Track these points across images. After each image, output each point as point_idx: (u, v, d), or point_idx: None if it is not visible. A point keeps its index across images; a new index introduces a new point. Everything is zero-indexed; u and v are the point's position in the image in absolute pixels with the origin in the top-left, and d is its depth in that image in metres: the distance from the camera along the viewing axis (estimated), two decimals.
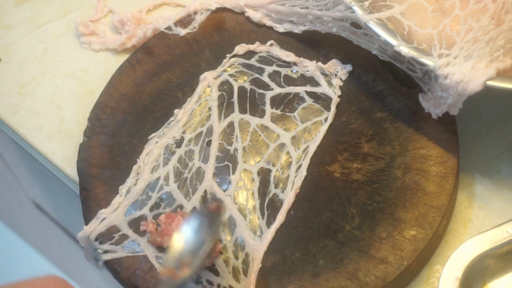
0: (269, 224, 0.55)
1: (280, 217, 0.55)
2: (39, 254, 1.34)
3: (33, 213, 1.10)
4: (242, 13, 0.65)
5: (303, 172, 0.56)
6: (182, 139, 0.59)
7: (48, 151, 0.64)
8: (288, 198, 0.55)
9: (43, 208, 1.05)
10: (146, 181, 0.58)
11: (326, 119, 0.59)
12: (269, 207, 0.56)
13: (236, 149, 0.58)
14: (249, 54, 0.63)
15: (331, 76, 0.61)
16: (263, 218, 0.55)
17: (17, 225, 1.32)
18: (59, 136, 0.64)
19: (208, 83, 0.62)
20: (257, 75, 0.62)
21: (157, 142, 0.59)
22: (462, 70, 0.52)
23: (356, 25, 0.58)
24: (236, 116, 0.60)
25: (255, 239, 0.54)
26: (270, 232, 0.54)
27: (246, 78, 0.62)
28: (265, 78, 0.61)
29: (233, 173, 0.57)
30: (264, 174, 0.57)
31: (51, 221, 1.06)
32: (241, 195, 0.56)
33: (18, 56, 0.69)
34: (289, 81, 0.61)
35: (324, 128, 0.58)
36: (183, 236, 0.49)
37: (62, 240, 1.09)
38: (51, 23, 0.70)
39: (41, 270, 1.33)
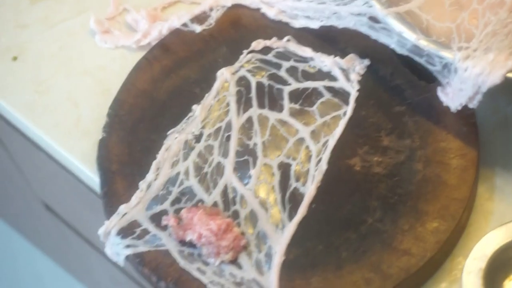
0: (290, 217, 0.55)
1: (302, 210, 0.55)
2: (45, 255, 1.33)
3: (42, 214, 1.10)
4: (258, 9, 0.65)
5: (323, 165, 0.57)
6: (201, 134, 0.59)
7: (66, 148, 0.64)
8: (309, 191, 0.56)
9: (53, 209, 1.05)
10: (166, 176, 0.58)
11: (345, 113, 0.59)
12: (290, 200, 0.56)
13: (255, 144, 0.58)
14: (266, 49, 0.63)
15: (349, 71, 0.61)
16: (284, 211, 0.55)
17: (24, 226, 1.32)
18: (76, 133, 0.64)
19: (226, 78, 0.62)
20: (274, 71, 0.62)
21: (176, 138, 0.59)
22: (482, 62, 0.53)
23: (374, 19, 0.58)
24: (254, 111, 0.60)
25: (277, 232, 0.54)
26: (292, 225, 0.55)
27: (263, 73, 0.62)
28: (282, 73, 0.62)
29: (253, 168, 0.57)
30: (284, 168, 0.57)
31: (61, 222, 1.06)
32: (262, 189, 0.56)
33: (34, 54, 0.69)
34: (307, 76, 0.61)
35: (343, 122, 0.58)
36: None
37: (71, 240, 1.09)
38: (66, 22, 0.70)
39: (48, 271, 1.33)
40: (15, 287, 1.36)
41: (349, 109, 0.59)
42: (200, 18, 0.66)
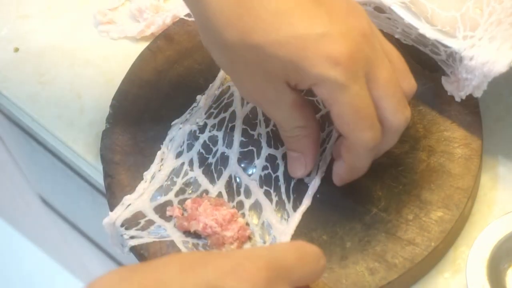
0: (295, 207, 0.55)
1: (307, 201, 0.55)
2: (41, 251, 1.33)
3: (39, 208, 1.10)
4: None
5: (328, 156, 0.57)
6: (205, 124, 0.59)
7: (69, 139, 0.64)
8: (314, 181, 0.56)
9: (50, 203, 1.05)
10: (170, 166, 0.58)
11: None
12: (295, 191, 0.56)
13: (260, 134, 0.58)
14: None
15: None
16: (289, 202, 0.55)
17: (20, 220, 1.32)
18: (79, 124, 0.64)
19: None
20: None
21: (180, 128, 0.59)
22: (487, 51, 0.53)
23: (379, 9, 0.58)
24: None
25: (282, 222, 0.55)
26: (296, 215, 0.55)
27: None
28: None
29: (258, 158, 0.57)
30: None
31: (58, 216, 1.06)
32: (267, 179, 0.56)
33: (36, 45, 0.69)
34: None
35: None
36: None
37: (68, 235, 1.09)
38: (68, 12, 0.70)
39: (44, 267, 1.33)
40: (11, 283, 1.36)
41: None
42: None
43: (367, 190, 0.55)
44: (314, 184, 0.55)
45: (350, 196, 0.55)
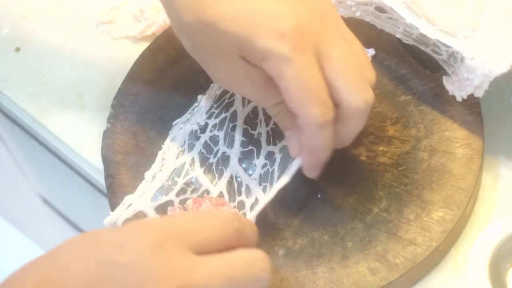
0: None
1: (286, 177, 0.54)
2: (42, 250, 1.33)
3: (40, 207, 1.10)
4: None
5: None
6: (206, 124, 0.59)
7: (70, 139, 0.64)
8: (297, 160, 0.55)
9: (51, 203, 1.05)
10: (171, 166, 0.58)
11: None
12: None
13: (260, 133, 0.58)
14: None
15: None
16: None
17: (21, 220, 1.32)
18: (80, 124, 0.64)
19: None
20: None
21: (181, 128, 0.59)
22: (488, 51, 0.53)
23: (380, 9, 0.58)
24: None
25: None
26: (273, 190, 0.54)
27: None
28: None
29: (258, 158, 0.57)
30: (285, 150, 0.57)
31: (59, 216, 1.06)
32: (265, 176, 0.56)
33: (37, 45, 0.69)
34: None
35: None
36: None
37: (69, 235, 1.09)
38: (69, 12, 0.70)
39: None
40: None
41: None
42: None
43: (368, 190, 0.55)
44: (296, 162, 0.55)
45: (351, 196, 0.55)
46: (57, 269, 0.41)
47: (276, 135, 0.58)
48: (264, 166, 0.57)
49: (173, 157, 0.58)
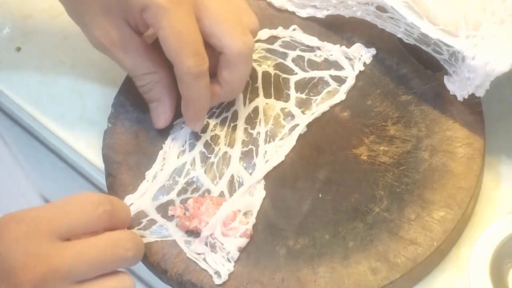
0: None
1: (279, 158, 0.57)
2: None
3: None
4: None
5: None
6: (207, 124, 0.59)
7: (71, 139, 0.64)
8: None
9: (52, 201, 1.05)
10: (172, 166, 0.58)
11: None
12: None
13: (258, 133, 0.59)
14: (272, 39, 0.63)
15: (355, 60, 0.61)
16: None
17: None
18: (81, 123, 0.64)
19: None
20: (280, 60, 0.62)
21: (182, 128, 0.59)
22: (489, 50, 0.52)
23: (382, 8, 0.58)
24: (261, 101, 0.60)
25: None
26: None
27: (269, 63, 0.62)
28: (288, 62, 0.61)
29: (257, 157, 0.57)
30: None
31: None
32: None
33: (38, 45, 0.69)
34: (313, 65, 0.61)
35: (332, 102, 0.59)
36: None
37: None
38: None
39: None
40: None
41: (340, 93, 0.59)
42: None
43: (369, 190, 0.55)
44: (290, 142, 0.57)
45: (352, 196, 0.55)
46: None
47: (273, 134, 0.58)
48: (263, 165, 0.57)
49: (174, 157, 0.58)
